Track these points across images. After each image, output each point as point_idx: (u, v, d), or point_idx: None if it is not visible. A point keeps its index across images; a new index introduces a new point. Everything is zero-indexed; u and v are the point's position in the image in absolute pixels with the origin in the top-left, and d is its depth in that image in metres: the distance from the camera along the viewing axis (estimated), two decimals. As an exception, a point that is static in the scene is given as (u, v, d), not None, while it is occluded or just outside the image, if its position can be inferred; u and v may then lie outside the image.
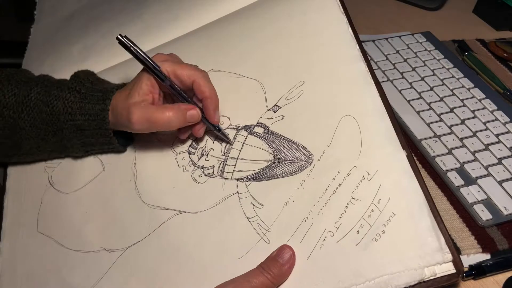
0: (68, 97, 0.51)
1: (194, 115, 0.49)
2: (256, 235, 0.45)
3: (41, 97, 0.51)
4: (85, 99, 0.50)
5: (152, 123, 0.47)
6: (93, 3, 0.78)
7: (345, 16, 0.56)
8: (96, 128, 0.51)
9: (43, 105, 0.51)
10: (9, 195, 0.57)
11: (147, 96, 0.48)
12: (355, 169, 0.46)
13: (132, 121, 0.47)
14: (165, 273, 0.46)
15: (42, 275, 0.49)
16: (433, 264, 0.40)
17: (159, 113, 0.47)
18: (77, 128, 0.51)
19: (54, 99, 0.51)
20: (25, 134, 0.52)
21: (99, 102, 0.50)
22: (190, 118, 0.49)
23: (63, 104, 0.50)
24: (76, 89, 0.51)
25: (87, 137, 0.52)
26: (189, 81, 0.49)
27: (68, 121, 0.51)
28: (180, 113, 0.48)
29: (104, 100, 0.50)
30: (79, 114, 0.50)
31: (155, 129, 0.48)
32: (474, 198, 0.56)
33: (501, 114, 0.66)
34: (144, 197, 0.51)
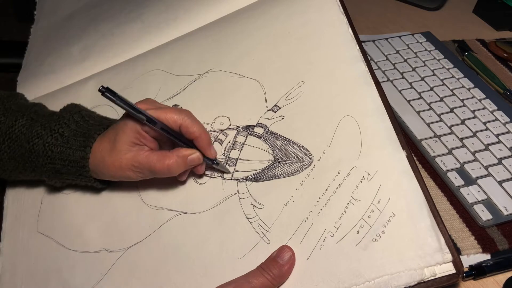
0: (50, 140, 0.48)
1: (194, 160, 0.47)
2: (256, 236, 0.45)
3: (24, 131, 0.49)
4: (67, 144, 0.48)
5: (154, 173, 0.47)
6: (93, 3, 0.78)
7: (345, 16, 0.56)
8: (77, 174, 0.49)
9: (24, 141, 0.49)
10: (9, 195, 0.57)
11: (140, 146, 0.47)
12: (355, 170, 0.46)
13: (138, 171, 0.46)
14: (166, 273, 0.46)
15: (43, 275, 0.49)
16: (433, 265, 0.40)
17: (159, 162, 0.46)
18: (56, 171, 0.49)
19: (36, 137, 0.49)
20: (3, 165, 0.50)
21: (80, 149, 0.48)
22: (190, 163, 0.47)
23: (43, 146, 0.48)
24: (58, 132, 0.49)
25: (68, 179, 0.50)
26: (176, 126, 0.47)
27: (47, 164, 0.49)
28: (180, 160, 0.46)
29: (85, 148, 0.48)
30: (59, 159, 0.49)
31: (156, 176, 0.48)
32: (474, 198, 0.56)
33: (501, 114, 0.66)
34: (145, 198, 0.51)
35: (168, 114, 0.46)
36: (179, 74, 0.60)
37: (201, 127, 0.48)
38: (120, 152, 0.46)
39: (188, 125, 0.47)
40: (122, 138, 0.46)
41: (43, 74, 0.67)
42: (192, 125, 0.47)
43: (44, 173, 0.50)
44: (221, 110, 0.54)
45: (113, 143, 0.47)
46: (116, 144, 0.46)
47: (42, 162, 0.49)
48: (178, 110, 0.47)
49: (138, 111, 0.44)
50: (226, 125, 0.53)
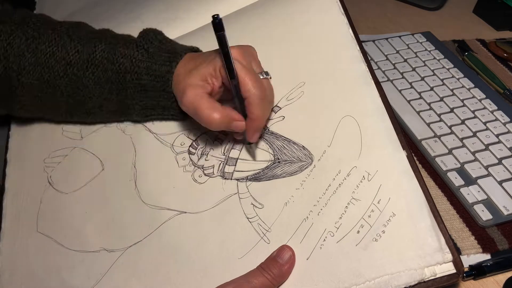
0: (136, 55, 0.50)
1: (238, 126, 0.47)
2: (256, 235, 0.45)
3: (106, 55, 0.50)
4: (152, 59, 0.50)
5: (198, 115, 0.46)
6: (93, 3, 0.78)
7: (345, 17, 0.56)
8: (160, 90, 0.50)
9: (109, 63, 0.50)
10: (9, 195, 0.56)
11: (207, 84, 0.47)
12: (355, 169, 0.46)
13: (182, 102, 0.47)
14: (165, 273, 0.46)
15: (42, 275, 0.49)
16: (433, 264, 0.40)
17: (208, 110, 0.46)
18: (141, 87, 0.50)
19: (121, 57, 0.50)
20: (89, 93, 0.51)
21: (166, 64, 0.49)
22: (234, 127, 0.47)
23: (130, 63, 0.50)
24: (144, 48, 0.50)
25: (150, 98, 0.51)
26: (243, 95, 0.46)
27: (134, 79, 0.50)
28: (226, 119, 0.46)
29: (171, 62, 0.49)
30: (145, 74, 0.50)
31: (197, 120, 0.48)
32: (474, 198, 0.56)
33: (501, 114, 0.66)
34: (144, 197, 0.51)
35: (245, 80, 0.45)
36: (179, 73, 0.60)
37: (261, 112, 0.47)
38: (191, 75, 0.47)
39: (252, 103, 0.46)
40: (202, 67, 0.47)
41: (43, 74, 0.67)
42: (255, 105, 0.46)
43: (130, 89, 0.50)
44: (221, 110, 0.54)
45: (195, 67, 0.48)
46: (196, 68, 0.47)
47: (129, 78, 0.50)
48: (256, 83, 0.46)
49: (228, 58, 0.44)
50: (226, 124, 0.53)
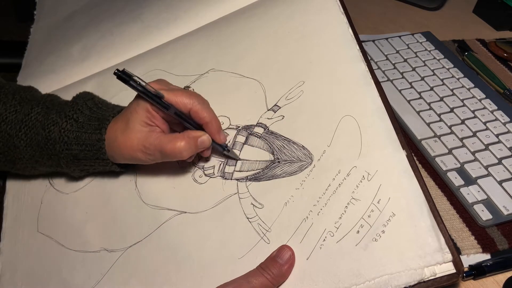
0: (65, 125, 0.49)
1: (205, 141, 0.47)
2: (256, 235, 0.45)
3: (40, 118, 0.50)
4: (82, 128, 0.49)
5: (164, 155, 0.46)
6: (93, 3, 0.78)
7: (345, 16, 0.56)
8: (93, 158, 0.50)
9: (41, 128, 0.50)
10: (9, 195, 0.57)
11: (152, 127, 0.47)
12: (355, 169, 0.46)
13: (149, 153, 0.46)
14: (165, 273, 0.46)
15: (43, 275, 0.49)
16: (433, 264, 0.40)
17: (170, 143, 0.46)
18: (73, 157, 0.50)
19: (51, 124, 0.49)
20: (19, 153, 0.50)
21: (96, 132, 0.49)
22: (201, 145, 0.47)
23: (59, 132, 0.49)
24: (73, 118, 0.49)
25: (85, 165, 0.51)
26: (185, 109, 0.47)
27: (64, 150, 0.49)
28: (191, 141, 0.46)
29: (100, 130, 0.49)
30: (75, 144, 0.49)
31: (165, 160, 0.47)
32: (474, 198, 0.56)
33: (501, 114, 0.66)
34: (145, 197, 0.51)
35: (179, 97, 0.46)
36: (179, 74, 0.60)
37: (210, 113, 0.48)
38: (132, 131, 0.47)
39: (198, 110, 0.47)
40: (135, 118, 0.46)
41: (43, 74, 0.67)
42: (202, 110, 0.47)
43: (62, 159, 0.50)
44: (221, 110, 0.54)
45: (126, 122, 0.47)
46: (129, 123, 0.47)
47: (59, 149, 0.49)
48: (189, 94, 0.47)
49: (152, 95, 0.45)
50: (226, 125, 0.53)
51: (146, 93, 0.45)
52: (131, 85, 0.44)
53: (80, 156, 0.50)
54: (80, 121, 0.49)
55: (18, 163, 0.52)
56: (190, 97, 0.47)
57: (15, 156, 0.51)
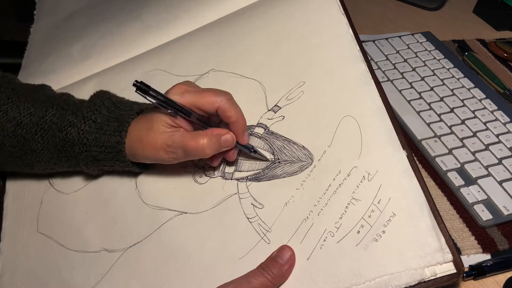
0: (83, 127, 0.48)
1: (228, 140, 0.46)
2: (256, 235, 0.45)
3: (55, 120, 0.49)
4: (101, 130, 0.48)
5: (187, 152, 0.45)
6: (93, 3, 0.78)
7: (345, 17, 0.56)
8: (114, 160, 0.49)
9: (57, 130, 0.49)
10: (9, 195, 0.57)
11: (176, 128, 0.46)
12: (355, 169, 0.46)
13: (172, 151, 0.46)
14: (166, 273, 0.46)
15: (42, 275, 0.49)
16: (434, 264, 0.40)
17: (194, 140, 0.45)
18: (93, 158, 0.49)
19: (69, 126, 0.49)
20: (37, 157, 0.50)
21: (115, 134, 0.48)
22: (224, 144, 0.46)
23: (77, 134, 0.48)
24: (91, 119, 0.49)
25: (105, 165, 0.50)
26: (213, 108, 0.46)
27: (83, 152, 0.49)
28: (214, 139, 0.45)
29: (120, 132, 0.48)
30: (94, 146, 0.48)
31: (188, 158, 0.47)
32: (474, 198, 0.56)
33: (501, 114, 0.66)
34: (145, 198, 0.51)
35: (205, 98, 0.46)
36: (179, 74, 0.60)
37: (238, 112, 0.47)
38: (156, 131, 0.46)
39: (226, 108, 0.46)
40: (159, 119, 0.46)
41: (43, 74, 0.67)
42: (229, 108, 0.46)
43: (81, 161, 0.50)
44: (221, 110, 0.54)
45: (150, 123, 0.46)
46: (153, 125, 0.46)
47: (78, 151, 0.49)
48: (216, 92, 0.46)
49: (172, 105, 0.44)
50: (226, 125, 0.53)
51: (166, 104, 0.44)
52: (151, 96, 0.43)
53: (99, 157, 0.49)
54: (98, 121, 0.49)
55: (36, 166, 0.51)
56: (218, 95, 0.46)
57: (33, 159, 0.50)
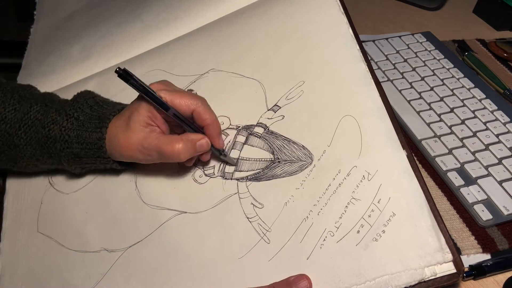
0: (65, 124, 0.49)
1: (203, 145, 0.47)
2: (256, 235, 0.45)
3: (39, 117, 0.50)
4: (82, 127, 0.49)
5: (162, 155, 0.46)
6: (93, 3, 0.78)
7: (345, 16, 0.56)
8: (94, 157, 0.50)
9: (40, 126, 0.49)
10: (9, 195, 0.56)
11: (153, 127, 0.47)
12: (355, 169, 0.46)
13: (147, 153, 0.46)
14: (165, 273, 0.46)
15: (43, 275, 0.49)
16: (434, 264, 0.40)
17: (169, 145, 0.46)
18: (74, 155, 0.50)
19: (51, 123, 0.49)
20: (20, 152, 0.50)
21: (96, 130, 0.49)
22: (199, 148, 0.47)
23: (59, 131, 0.49)
24: (74, 116, 0.49)
25: (86, 163, 0.51)
26: (188, 110, 0.47)
27: (65, 148, 0.49)
28: (189, 144, 0.46)
29: (101, 128, 0.49)
30: (76, 142, 0.49)
31: (163, 161, 0.47)
32: (474, 198, 0.56)
33: (501, 114, 0.66)
34: (145, 197, 0.51)
35: (182, 99, 0.47)
36: (179, 74, 0.60)
37: (213, 116, 0.48)
38: (132, 131, 0.46)
39: (201, 111, 0.47)
40: (136, 117, 0.46)
41: (43, 74, 0.67)
42: (204, 112, 0.47)
43: (63, 157, 0.50)
44: (221, 110, 0.54)
45: (127, 122, 0.47)
46: (130, 122, 0.47)
47: (60, 147, 0.49)
48: (192, 96, 0.48)
49: (152, 96, 0.45)
50: (226, 125, 0.53)
51: (146, 93, 0.45)
52: (131, 84, 0.44)
53: (81, 154, 0.50)
54: (80, 119, 0.49)
55: (19, 162, 0.52)
56: (193, 99, 0.47)
57: (16, 154, 0.51)
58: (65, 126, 0.49)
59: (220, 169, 0.51)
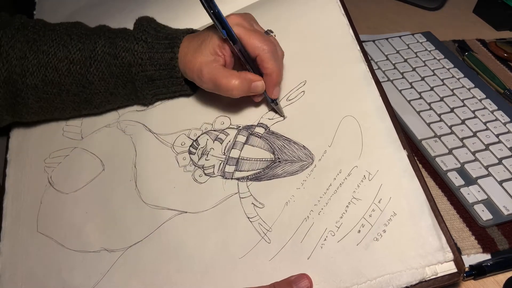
0: (136, 48, 0.50)
1: (258, 87, 0.48)
2: (257, 235, 0.45)
3: (107, 50, 0.51)
4: (153, 48, 0.50)
5: (217, 87, 0.47)
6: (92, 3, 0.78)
7: (346, 17, 0.56)
8: (168, 77, 0.51)
9: (111, 58, 0.51)
10: (9, 195, 0.56)
11: (218, 57, 0.48)
12: (356, 169, 0.46)
13: (202, 81, 0.48)
14: (166, 273, 0.46)
15: (42, 275, 0.49)
16: (435, 263, 0.40)
17: (226, 79, 0.47)
18: (148, 78, 0.51)
19: (122, 51, 0.50)
20: (95, 89, 0.52)
21: (167, 51, 0.50)
22: (254, 89, 0.48)
23: (132, 56, 0.50)
24: (142, 39, 0.50)
25: (158, 87, 0.52)
26: (253, 53, 0.48)
27: (139, 72, 0.50)
28: (245, 83, 0.47)
29: (173, 48, 0.50)
30: (149, 65, 0.50)
31: (218, 92, 0.49)
32: (475, 198, 0.56)
33: (501, 114, 0.66)
34: (145, 197, 0.51)
35: (251, 39, 0.47)
36: (179, 73, 0.60)
37: (274, 66, 0.48)
38: (200, 53, 0.48)
39: (264, 59, 0.48)
40: (208, 42, 0.48)
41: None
42: (267, 60, 0.48)
43: (137, 81, 0.51)
44: (222, 110, 0.54)
45: (199, 44, 0.48)
46: (201, 45, 0.48)
47: (135, 71, 0.51)
48: (262, 40, 0.48)
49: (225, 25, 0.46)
50: (227, 124, 0.53)
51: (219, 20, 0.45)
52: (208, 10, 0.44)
53: (154, 77, 0.51)
54: (149, 41, 0.50)
55: (94, 100, 0.53)
56: (262, 43, 0.47)
57: (91, 93, 0.52)
58: (137, 50, 0.50)
59: (220, 168, 0.51)
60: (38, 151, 0.58)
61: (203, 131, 0.53)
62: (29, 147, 0.59)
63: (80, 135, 0.57)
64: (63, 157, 0.56)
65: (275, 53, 0.49)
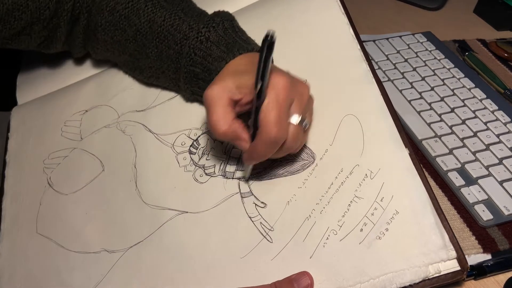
0: (194, 43, 0.49)
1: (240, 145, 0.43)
2: (258, 235, 0.45)
3: (172, 31, 0.50)
4: (209, 50, 0.49)
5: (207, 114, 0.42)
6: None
7: (346, 17, 0.56)
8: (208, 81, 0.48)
9: (173, 42, 0.51)
10: (8, 196, 0.56)
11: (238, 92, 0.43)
12: (357, 168, 0.46)
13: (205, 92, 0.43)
14: (167, 273, 0.45)
15: (42, 277, 0.49)
16: (438, 262, 0.40)
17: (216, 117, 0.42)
18: (194, 74, 0.51)
19: (183, 38, 0.50)
20: (150, 63, 0.53)
21: (219, 60, 0.48)
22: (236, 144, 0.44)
23: (188, 48, 0.50)
24: (205, 35, 0.49)
25: (199, 87, 0.51)
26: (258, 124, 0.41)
27: (189, 65, 0.50)
28: (230, 135, 0.42)
29: (224, 59, 0.48)
30: (199, 64, 0.50)
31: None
32: (475, 198, 0.55)
33: (502, 114, 0.66)
34: (145, 197, 0.51)
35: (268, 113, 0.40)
36: (179, 74, 0.60)
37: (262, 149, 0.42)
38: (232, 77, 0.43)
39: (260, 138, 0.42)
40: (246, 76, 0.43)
41: (42, 74, 0.67)
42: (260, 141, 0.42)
43: (183, 74, 0.51)
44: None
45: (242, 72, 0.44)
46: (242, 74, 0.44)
47: (185, 63, 0.50)
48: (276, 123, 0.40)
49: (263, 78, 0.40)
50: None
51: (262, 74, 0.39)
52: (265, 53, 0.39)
53: (200, 76, 0.50)
54: (210, 40, 0.49)
55: (145, 72, 0.55)
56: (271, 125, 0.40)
57: (146, 65, 0.54)
58: (194, 45, 0.49)
59: (220, 168, 0.50)
60: (37, 152, 0.58)
61: (203, 131, 0.53)
62: (28, 148, 0.58)
63: (79, 136, 0.57)
64: (62, 158, 0.56)
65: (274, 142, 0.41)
